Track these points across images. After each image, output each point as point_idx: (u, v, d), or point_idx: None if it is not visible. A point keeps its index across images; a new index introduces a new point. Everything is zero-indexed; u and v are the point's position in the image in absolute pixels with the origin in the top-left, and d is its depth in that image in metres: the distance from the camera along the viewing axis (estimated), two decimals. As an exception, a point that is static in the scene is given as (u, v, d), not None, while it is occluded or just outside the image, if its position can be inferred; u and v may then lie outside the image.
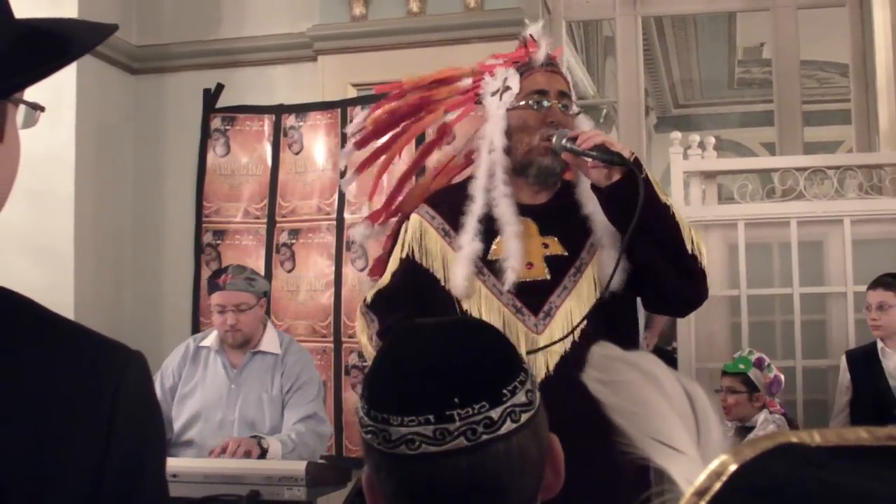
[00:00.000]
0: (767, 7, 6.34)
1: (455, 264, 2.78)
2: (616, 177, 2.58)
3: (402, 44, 5.47)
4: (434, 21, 5.48)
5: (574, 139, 2.65)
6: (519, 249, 2.74)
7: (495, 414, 1.22)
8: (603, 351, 1.04)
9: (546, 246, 2.82)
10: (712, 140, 5.76)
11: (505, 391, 1.23)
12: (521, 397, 1.25)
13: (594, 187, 2.66)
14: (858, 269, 5.32)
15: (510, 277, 2.72)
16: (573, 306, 2.75)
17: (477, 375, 1.26)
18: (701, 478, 0.64)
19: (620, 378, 0.98)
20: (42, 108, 1.16)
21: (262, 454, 3.81)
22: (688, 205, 5.45)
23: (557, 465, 1.33)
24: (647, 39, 9.55)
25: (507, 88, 2.88)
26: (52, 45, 1.11)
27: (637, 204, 2.53)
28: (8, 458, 0.99)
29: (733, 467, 0.64)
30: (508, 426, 1.22)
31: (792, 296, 5.39)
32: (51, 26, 1.14)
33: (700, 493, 0.64)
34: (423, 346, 1.32)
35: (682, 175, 5.53)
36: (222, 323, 4.18)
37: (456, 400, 1.21)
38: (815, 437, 0.64)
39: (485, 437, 1.21)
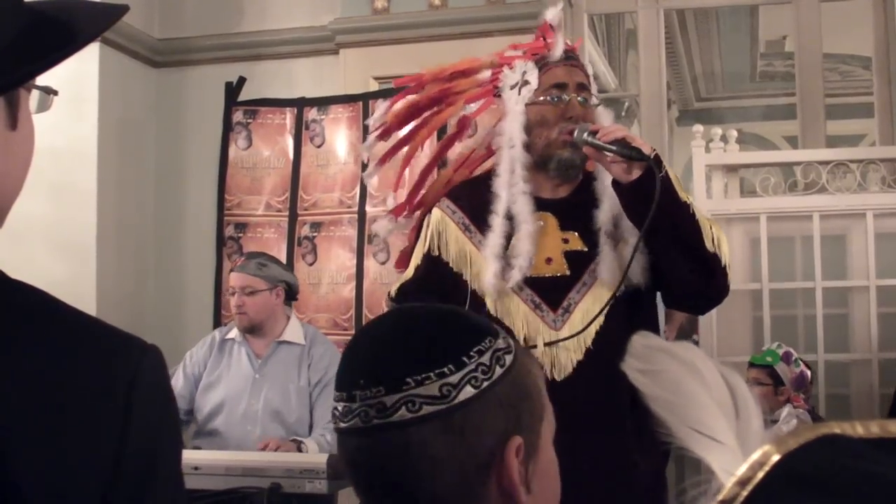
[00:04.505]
0: (789, 0, 6.30)
1: (486, 263, 2.79)
2: (636, 173, 2.57)
3: (424, 37, 5.48)
4: (456, 14, 5.48)
5: (595, 133, 2.64)
6: (529, 249, 2.74)
7: (388, 400, 1.19)
8: (644, 341, 1.04)
9: (566, 241, 2.82)
10: (734, 133, 5.73)
11: (409, 380, 1.20)
12: (431, 389, 1.19)
13: (614, 183, 2.65)
14: (881, 263, 5.29)
15: (515, 276, 2.73)
16: (592, 303, 2.75)
17: (386, 359, 1.25)
18: (743, 468, 0.64)
19: (660, 368, 0.97)
20: (55, 92, 1.16)
21: None
22: (710, 198, 5.43)
23: (503, 483, 1.23)
24: (669, 32, 9.50)
25: (526, 83, 2.87)
26: (59, 34, 1.10)
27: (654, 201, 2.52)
28: (24, 454, 1.00)
29: (776, 457, 0.63)
30: (402, 414, 1.19)
31: (814, 290, 5.35)
32: (58, 12, 1.13)
33: (742, 483, 0.63)
34: (372, 329, 1.35)
35: (704, 168, 5.50)
36: (233, 305, 4.23)
37: (361, 381, 1.22)
38: (857, 429, 0.63)
39: (376, 421, 1.20)
